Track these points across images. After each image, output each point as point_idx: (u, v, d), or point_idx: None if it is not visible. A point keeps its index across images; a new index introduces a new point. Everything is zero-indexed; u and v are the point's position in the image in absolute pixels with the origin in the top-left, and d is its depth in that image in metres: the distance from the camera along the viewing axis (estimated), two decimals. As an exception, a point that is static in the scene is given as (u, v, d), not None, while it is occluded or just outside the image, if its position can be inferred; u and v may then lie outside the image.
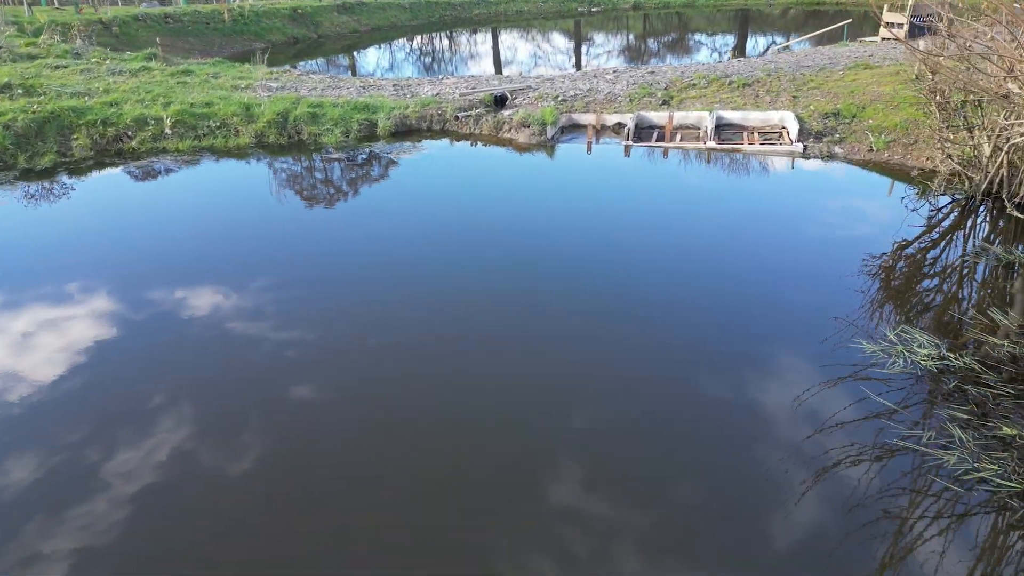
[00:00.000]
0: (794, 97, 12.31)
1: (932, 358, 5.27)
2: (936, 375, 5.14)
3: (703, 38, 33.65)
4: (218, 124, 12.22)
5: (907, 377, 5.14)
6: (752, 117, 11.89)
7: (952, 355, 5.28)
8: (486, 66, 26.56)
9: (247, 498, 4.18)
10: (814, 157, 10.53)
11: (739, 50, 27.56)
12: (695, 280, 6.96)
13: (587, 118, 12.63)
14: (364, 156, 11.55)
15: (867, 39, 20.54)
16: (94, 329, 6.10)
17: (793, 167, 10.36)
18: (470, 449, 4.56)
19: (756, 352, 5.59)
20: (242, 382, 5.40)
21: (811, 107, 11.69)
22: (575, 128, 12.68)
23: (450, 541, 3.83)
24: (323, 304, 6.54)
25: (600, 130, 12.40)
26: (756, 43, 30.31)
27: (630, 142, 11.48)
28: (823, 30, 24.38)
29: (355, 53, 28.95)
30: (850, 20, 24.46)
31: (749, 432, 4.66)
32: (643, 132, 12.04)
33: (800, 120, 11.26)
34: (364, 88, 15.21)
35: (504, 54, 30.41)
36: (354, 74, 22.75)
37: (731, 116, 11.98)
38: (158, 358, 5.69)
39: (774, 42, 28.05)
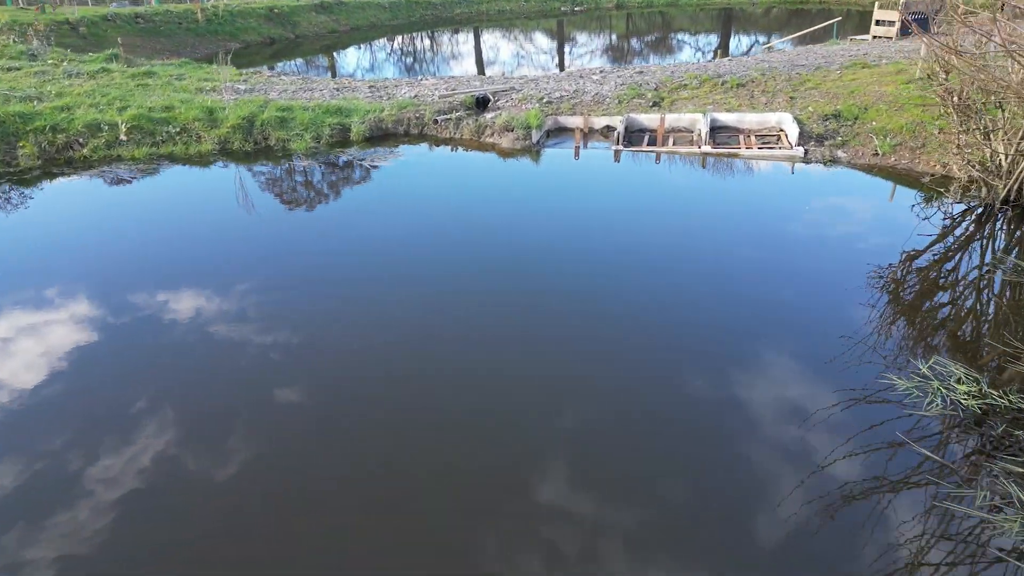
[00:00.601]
0: (791, 98, 11.70)
1: (972, 395, 4.64)
2: (972, 411, 4.52)
3: (686, 37, 33.18)
4: (178, 130, 11.36)
5: (918, 397, 4.69)
6: (748, 119, 11.26)
7: (995, 392, 4.65)
8: (468, 66, 25.81)
9: (244, 498, 4.13)
10: (816, 162, 9.91)
11: (723, 49, 27.04)
12: (693, 290, 6.62)
13: (574, 121, 11.94)
14: (336, 163, 10.77)
15: (858, 37, 20.04)
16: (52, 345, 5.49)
17: (794, 172, 9.73)
18: (469, 449, 4.50)
19: (757, 358, 5.38)
20: (237, 383, 5.29)
21: (810, 108, 11.09)
22: (561, 132, 11.98)
23: (449, 541, 3.80)
24: (307, 308, 6.40)
25: (588, 133, 11.72)
26: (739, 42, 29.88)
27: (620, 146, 10.80)
28: (809, 29, 23.85)
29: (334, 54, 28.10)
30: (839, 18, 23.99)
31: (749, 436, 4.51)
32: (633, 135, 11.37)
33: (799, 122, 10.64)
34: (338, 90, 14.40)
35: (486, 54, 29.68)
36: (333, 75, 21.89)
37: (726, 118, 11.34)
38: (147, 361, 5.61)
39: (757, 41, 27.59)
